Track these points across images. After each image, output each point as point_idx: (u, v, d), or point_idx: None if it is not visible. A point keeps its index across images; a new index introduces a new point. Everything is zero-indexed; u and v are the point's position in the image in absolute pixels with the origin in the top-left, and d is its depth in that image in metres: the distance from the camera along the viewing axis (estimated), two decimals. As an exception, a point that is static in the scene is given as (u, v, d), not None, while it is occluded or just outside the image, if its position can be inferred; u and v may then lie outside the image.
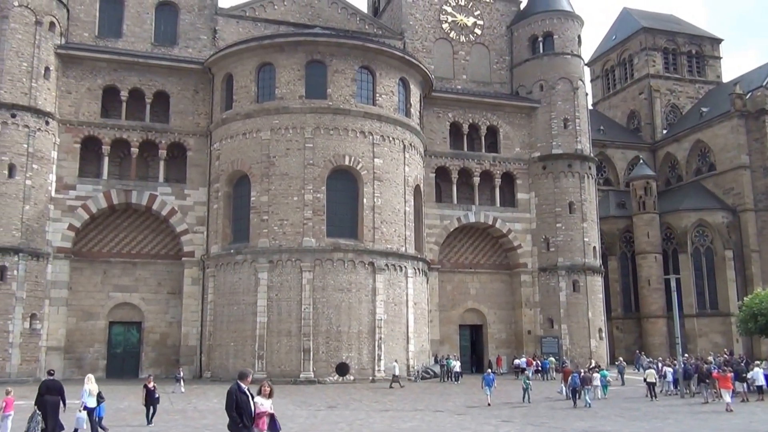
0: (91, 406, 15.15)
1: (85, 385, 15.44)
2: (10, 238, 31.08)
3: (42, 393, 14.21)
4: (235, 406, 9.46)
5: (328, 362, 31.22)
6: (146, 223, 35.38)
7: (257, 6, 38.72)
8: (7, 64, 32.08)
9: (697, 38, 60.18)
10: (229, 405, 9.52)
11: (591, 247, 40.00)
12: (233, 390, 9.53)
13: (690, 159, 53.02)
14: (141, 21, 36.63)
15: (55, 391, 14.30)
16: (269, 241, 32.35)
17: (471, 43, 42.55)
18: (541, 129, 41.12)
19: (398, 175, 34.71)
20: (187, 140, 35.59)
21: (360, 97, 34.27)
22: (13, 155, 31.59)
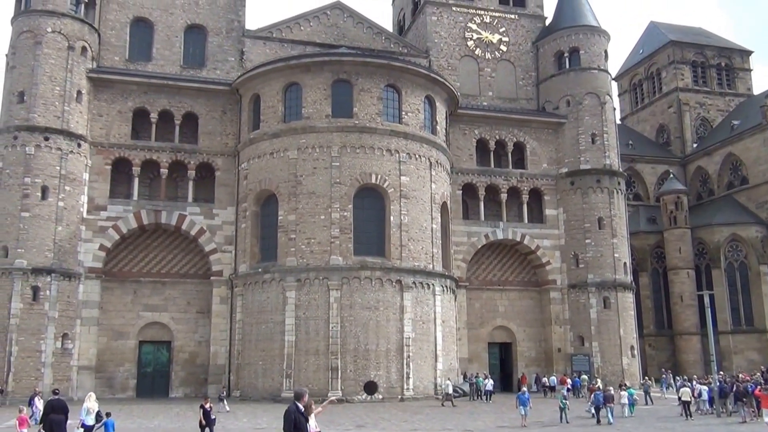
0: (89, 423, 15.29)
1: (85, 403, 15.60)
2: (42, 258, 31.62)
3: (47, 412, 14.56)
4: (294, 426, 9.34)
5: (356, 381, 31.07)
6: (175, 242, 35.74)
7: (283, 27, 39.18)
8: (40, 88, 32.84)
9: (726, 50, 59.46)
10: (287, 426, 9.38)
11: (621, 263, 39.42)
12: (291, 410, 9.42)
13: (721, 173, 52.19)
14: (170, 44, 37.28)
15: (60, 410, 14.66)
16: (297, 259, 32.44)
17: (496, 60, 42.51)
18: (569, 144, 40.80)
19: (425, 193, 34.65)
20: (216, 160, 35.97)
21: (386, 115, 34.37)
22: (46, 177, 32.23)
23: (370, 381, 31.18)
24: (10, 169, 32.19)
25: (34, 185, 31.92)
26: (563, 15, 43.27)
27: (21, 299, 30.94)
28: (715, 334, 32.82)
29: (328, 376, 30.79)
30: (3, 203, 31.95)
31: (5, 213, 31.80)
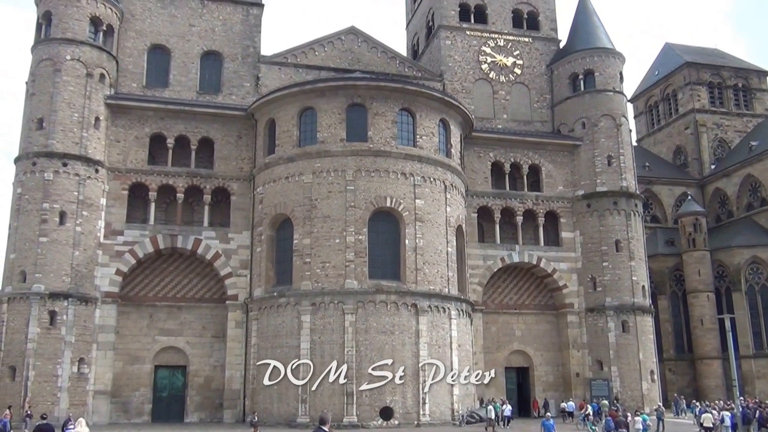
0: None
1: (77, 426, 15.65)
2: (60, 283, 31.82)
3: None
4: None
5: (372, 406, 30.77)
6: (191, 267, 35.83)
7: (298, 53, 39.53)
8: (59, 115, 33.31)
9: (742, 71, 59.14)
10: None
11: (640, 286, 38.93)
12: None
13: (740, 194, 51.62)
14: (187, 71, 37.72)
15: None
16: (312, 283, 32.37)
17: (511, 83, 42.56)
18: (585, 167, 40.59)
19: (440, 216, 34.55)
20: (231, 185, 36.15)
21: (400, 138, 34.45)
22: (64, 203, 32.54)
23: (385, 406, 30.88)
24: (28, 195, 32.56)
25: (52, 210, 32.23)
26: (577, 37, 43.32)
27: (38, 324, 31.09)
28: (736, 358, 32.24)
29: (343, 401, 30.54)
30: (22, 228, 32.28)
31: (24, 238, 32.11)
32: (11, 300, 31.56)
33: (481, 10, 43.43)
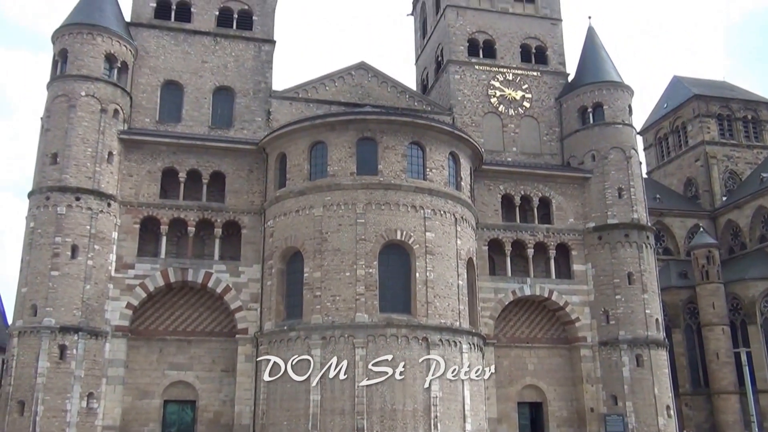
0: None
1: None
2: (70, 317, 31.83)
3: None
4: None
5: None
6: (201, 300, 35.79)
7: (309, 88, 39.99)
8: (73, 150, 33.67)
9: (752, 103, 59.25)
10: None
11: (653, 320, 38.50)
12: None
13: (753, 226, 51.29)
14: (199, 106, 38.19)
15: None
16: (322, 317, 32.24)
17: (520, 116, 42.79)
18: (595, 199, 40.52)
19: (450, 249, 34.46)
20: (242, 218, 36.28)
21: (410, 172, 34.56)
22: (76, 237, 32.71)
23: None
24: (41, 229, 32.75)
25: (64, 244, 32.38)
26: (586, 71, 43.62)
27: (48, 358, 31.00)
28: (754, 393, 31.78)
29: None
30: (34, 262, 32.40)
31: (35, 272, 32.22)
32: (22, 334, 31.54)
33: (490, 45, 43.90)
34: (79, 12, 36.86)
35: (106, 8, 37.33)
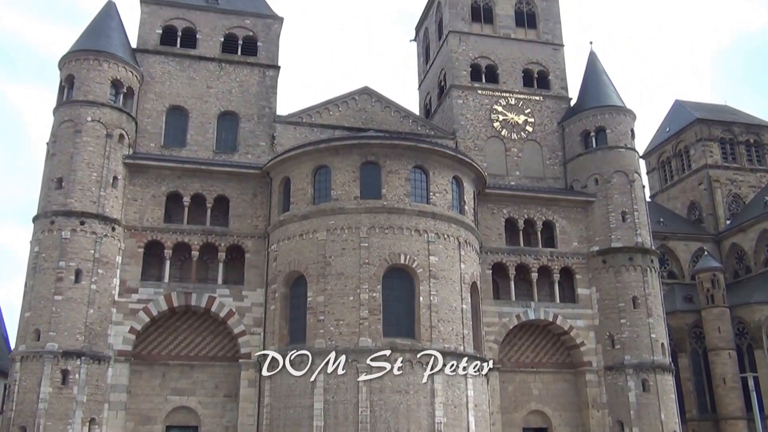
0: None
1: None
2: (73, 341, 31.73)
3: None
4: None
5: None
6: (204, 324, 35.69)
7: (313, 112, 40.25)
8: (78, 174, 33.85)
9: (754, 127, 59.43)
10: None
11: (659, 344, 38.23)
12: None
13: (758, 249, 51.12)
14: (204, 130, 38.45)
15: None
16: (325, 341, 32.08)
17: (523, 140, 42.97)
18: (599, 223, 40.50)
19: (454, 273, 34.40)
20: (246, 242, 36.30)
21: (414, 196, 34.64)
22: (80, 261, 32.73)
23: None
24: (45, 253, 32.79)
25: (68, 269, 32.40)
26: (588, 95, 43.88)
27: (50, 383, 30.82)
28: (762, 418, 31.46)
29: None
30: (37, 287, 32.39)
31: (39, 296, 32.20)
32: (24, 359, 31.41)
33: (492, 70, 44.26)
34: (86, 38, 37.33)
35: (112, 35, 37.82)
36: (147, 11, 40.07)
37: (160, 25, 39.90)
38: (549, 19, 46.56)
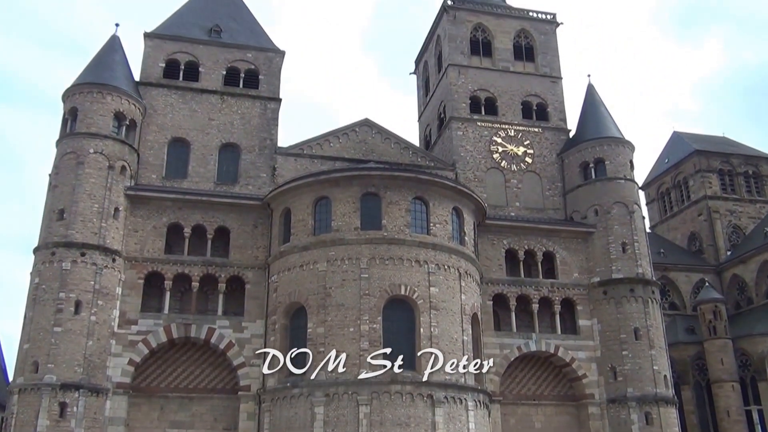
0: None
1: None
2: (72, 374, 31.51)
3: None
4: None
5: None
6: (204, 356, 35.46)
7: (314, 144, 40.53)
8: (80, 206, 33.98)
9: (752, 158, 59.76)
10: None
11: (662, 376, 37.91)
12: None
13: (759, 280, 50.99)
14: (205, 162, 38.69)
15: None
16: (325, 373, 31.85)
17: (522, 171, 43.18)
18: (599, 253, 40.48)
19: (455, 304, 34.29)
20: (246, 273, 36.26)
21: (414, 227, 34.70)
22: (80, 292, 32.68)
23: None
24: (45, 285, 32.75)
25: (68, 300, 32.34)
26: (586, 127, 44.22)
27: (48, 416, 30.54)
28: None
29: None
30: (37, 318, 32.28)
31: (38, 328, 32.06)
32: (22, 391, 31.17)
33: (491, 102, 44.70)
34: (89, 72, 37.80)
35: (116, 68, 38.32)
36: (150, 45, 40.63)
37: (163, 58, 40.41)
38: (547, 53, 47.17)
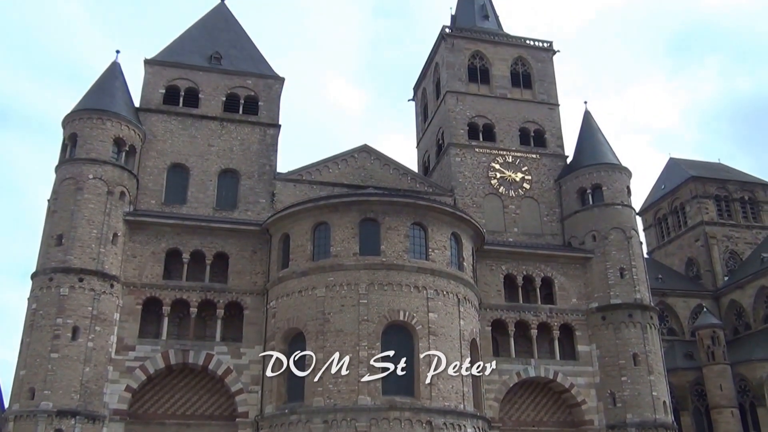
0: None
1: None
2: (68, 400, 31.25)
3: None
4: None
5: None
6: (201, 383, 35.23)
7: (313, 170, 40.74)
8: (78, 231, 33.98)
9: (748, 185, 60.11)
10: None
11: (661, 402, 37.77)
12: None
13: (756, 306, 51.03)
14: (204, 188, 38.80)
15: None
16: (324, 400, 31.66)
17: (520, 197, 43.39)
18: (597, 279, 40.55)
19: (454, 329, 34.23)
20: (244, 299, 36.18)
21: (413, 252, 34.76)
22: (78, 318, 32.54)
23: None
24: (43, 311, 32.61)
25: (65, 326, 32.18)
26: (584, 154, 44.55)
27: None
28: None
29: None
30: (33, 344, 32.09)
31: (35, 354, 31.86)
32: (18, 418, 30.86)
33: (489, 128, 45.07)
34: (89, 98, 38.07)
35: (116, 94, 38.61)
36: (151, 71, 40.99)
37: (164, 84, 40.75)
38: (544, 80, 47.69)
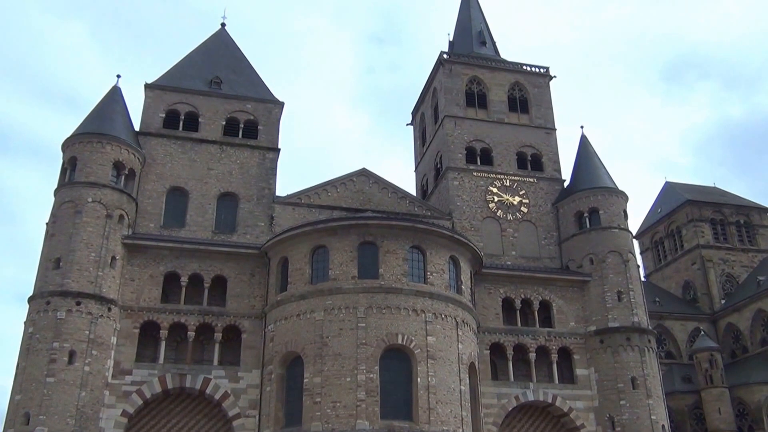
0: None
1: None
2: (63, 426, 30.97)
3: None
4: None
5: None
6: (199, 407, 34.95)
7: (312, 194, 40.88)
8: (76, 254, 33.93)
9: (743, 208, 60.51)
10: None
11: (660, 426, 37.61)
12: None
13: (753, 329, 51.12)
14: (203, 211, 38.86)
15: None
16: (322, 424, 31.48)
17: (518, 221, 43.56)
18: (595, 302, 40.59)
19: (452, 353, 34.16)
20: (242, 323, 36.08)
21: (411, 275, 34.79)
22: (75, 342, 32.36)
23: None
24: (39, 334, 32.43)
25: (62, 350, 31.99)
26: (580, 177, 44.83)
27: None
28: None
29: None
30: (30, 368, 31.86)
31: (31, 378, 31.62)
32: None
33: (487, 153, 45.39)
34: (89, 122, 38.27)
35: (116, 118, 38.82)
36: (151, 96, 41.27)
37: (164, 109, 41.00)
38: (541, 105, 48.13)
